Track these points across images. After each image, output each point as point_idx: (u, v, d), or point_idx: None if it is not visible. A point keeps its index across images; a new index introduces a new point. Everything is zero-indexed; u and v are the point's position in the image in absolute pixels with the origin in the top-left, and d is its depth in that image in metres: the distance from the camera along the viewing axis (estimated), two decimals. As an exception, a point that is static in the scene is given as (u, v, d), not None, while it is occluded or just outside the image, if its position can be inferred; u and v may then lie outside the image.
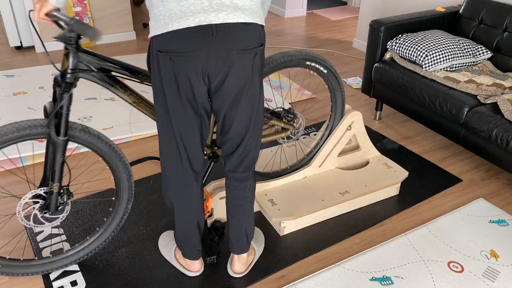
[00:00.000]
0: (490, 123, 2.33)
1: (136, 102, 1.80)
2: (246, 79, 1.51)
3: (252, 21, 1.44)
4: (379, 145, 2.91)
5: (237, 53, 1.44)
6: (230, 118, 1.59)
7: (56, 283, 1.88)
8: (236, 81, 1.49)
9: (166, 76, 1.47)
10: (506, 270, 1.98)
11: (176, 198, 1.73)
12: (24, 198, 1.73)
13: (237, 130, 1.62)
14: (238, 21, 1.41)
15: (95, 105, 3.27)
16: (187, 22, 1.37)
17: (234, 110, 1.57)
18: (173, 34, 1.39)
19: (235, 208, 1.80)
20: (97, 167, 2.63)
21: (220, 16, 1.38)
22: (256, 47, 1.48)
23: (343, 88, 2.32)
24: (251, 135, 1.66)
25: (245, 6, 1.42)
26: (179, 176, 1.67)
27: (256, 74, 1.55)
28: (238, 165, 1.72)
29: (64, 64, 1.60)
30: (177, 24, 1.38)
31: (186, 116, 1.54)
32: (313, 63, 2.13)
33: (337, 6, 6.26)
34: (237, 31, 1.42)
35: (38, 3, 1.56)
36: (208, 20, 1.37)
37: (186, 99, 1.49)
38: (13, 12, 4.16)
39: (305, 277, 1.93)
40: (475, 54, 2.86)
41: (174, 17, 1.38)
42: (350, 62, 4.29)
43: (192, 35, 1.38)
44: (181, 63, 1.43)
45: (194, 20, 1.37)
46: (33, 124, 1.61)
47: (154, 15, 1.42)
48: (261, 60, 1.55)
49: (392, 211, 2.33)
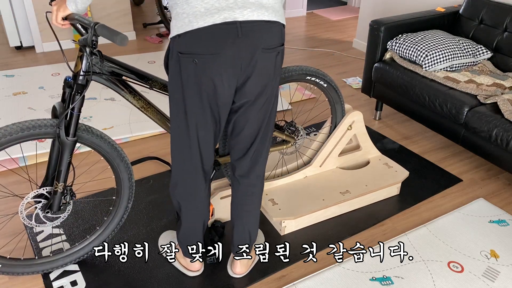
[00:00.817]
0: (490, 123, 2.33)
1: (144, 107, 1.81)
2: (268, 79, 1.51)
3: (276, 19, 1.44)
4: (379, 145, 2.91)
5: (261, 52, 1.43)
6: (244, 119, 1.58)
7: (56, 283, 1.88)
8: (259, 80, 1.49)
9: (188, 79, 1.45)
10: (506, 270, 1.98)
11: (185, 198, 1.72)
12: (26, 198, 1.73)
13: (248, 131, 1.61)
14: (263, 19, 1.40)
15: (95, 105, 3.27)
16: (212, 19, 1.35)
17: (249, 110, 1.56)
18: (197, 34, 1.37)
19: (243, 213, 1.79)
20: (97, 167, 2.63)
21: (245, 13, 1.37)
22: (278, 46, 1.48)
23: (343, 101, 2.36)
24: (262, 136, 1.65)
25: (268, 4, 1.42)
26: (191, 176, 1.67)
27: (277, 74, 1.55)
28: (250, 169, 1.70)
29: (78, 66, 1.61)
30: (202, 22, 1.36)
31: (204, 117, 1.52)
32: (313, 78, 2.16)
33: (337, 6, 6.26)
34: (261, 29, 1.41)
35: (56, 6, 1.55)
36: (233, 17, 1.36)
37: (208, 100, 1.48)
38: (13, 12, 4.16)
39: (305, 277, 1.93)
40: (475, 54, 2.86)
41: (198, 15, 1.36)
42: (350, 62, 4.30)
43: (217, 35, 1.37)
44: (205, 65, 1.41)
45: (220, 17, 1.36)
46: (38, 124, 1.61)
47: (177, 14, 1.40)
48: (281, 59, 1.54)
49: (392, 211, 2.33)
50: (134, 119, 3.09)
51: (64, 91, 1.66)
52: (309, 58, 4.35)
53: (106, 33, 1.42)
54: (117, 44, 1.38)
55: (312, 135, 3.00)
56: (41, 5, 4.14)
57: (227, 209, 2.16)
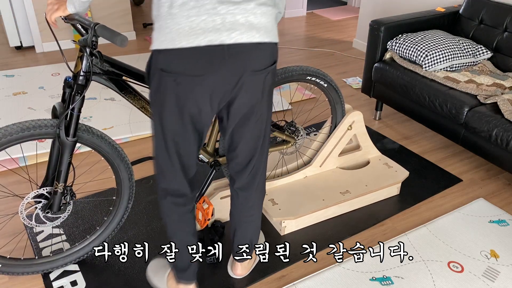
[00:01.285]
0: (490, 123, 2.33)
1: (144, 107, 1.82)
2: (256, 100, 1.45)
3: (267, 40, 1.35)
4: (379, 145, 2.91)
5: (249, 75, 1.36)
6: (238, 136, 1.54)
7: (56, 283, 1.88)
8: (246, 102, 1.43)
9: (169, 98, 1.37)
10: (506, 270, 1.99)
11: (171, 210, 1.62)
12: (27, 198, 1.73)
13: (245, 147, 1.56)
14: (252, 41, 1.31)
15: (95, 105, 3.27)
16: (197, 41, 1.26)
17: (241, 129, 1.51)
18: (180, 53, 1.28)
19: (242, 224, 1.75)
20: (98, 167, 2.63)
21: (233, 35, 1.28)
22: (269, 67, 1.41)
23: (343, 101, 2.36)
24: (259, 153, 1.60)
25: (260, 24, 1.32)
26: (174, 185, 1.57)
27: (266, 94, 1.47)
28: (249, 183, 1.66)
29: (78, 66, 1.61)
30: (185, 42, 1.26)
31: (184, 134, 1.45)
32: (314, 78, 2.16)
33: (337, 6, 6.26)
34: (250, 51, 1.32)
35: (51, 4, 1.50)
36: (220, 40, 1.27)
37: (190, 120, 1.41)
38: (13, 12, 4.16)
39: (305, 277, 1.93)
40: (475, 54, 2.86)
41: (182, 34, 1.27)
42: (350, 62, 4.30)
43: (202, 56, 1.28)
44: (188, 87, 1.33)
45: (205, 39, 1.26)
46: (38, 124, 1.61)
47: (160, 27, 1.30)
48: (272, 78, 1.47)
49: (392, 211, 2.33)
50: (134, 119, 3.09)
51: (64, 91, 1.66)
52: (309, 58, 4.35)
53: (106, 34, 1.41)
54: (117, 45, 1.35)
55: (312, 135, 3.00)
56: (41, 5, 4.14)
57: (227, 209, 2.16)
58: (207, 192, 2.13)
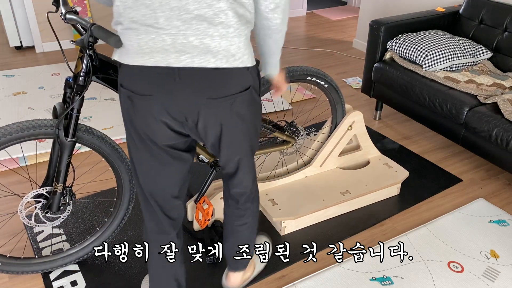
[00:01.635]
0: (490, 123, 2.33)
1: None
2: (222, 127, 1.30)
3: (227, 65, 1.20)
4: (379, 145, 2.91)
5: (205, 102, 1.23)
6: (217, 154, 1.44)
7: (56, 283, 1.88)
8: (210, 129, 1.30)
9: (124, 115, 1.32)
10: (506, 270, 1.99)
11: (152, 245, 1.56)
12: (26, 197, 1.73)
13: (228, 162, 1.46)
14: (206, 66, 1.19)
15: (95, 105, 3.27)
16: (142, 60, 1.19)
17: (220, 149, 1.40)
18: (131, 69, 1.23)
19: (234, 233, 1.65)
20: (98, 167, 2.63)
21: (182, 59, 1.18)
22: (235, 94, 1.25)
23: (344, 101, 2.36)
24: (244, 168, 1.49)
25: (218, 48, 1.19)
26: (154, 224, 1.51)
27: (240, 121, 1.31)
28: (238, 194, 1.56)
29: (78, 67, 1.61)
30: (132, 59, 1.20)
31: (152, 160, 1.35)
32: (314, 78, 2.16)
33: (337, 6, 6.26)
34: (205, 77, 1.20)
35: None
36: (167, 62, 1.18)
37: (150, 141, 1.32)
38: (13, 12, 4.16)
39: (305, 277, 1.93)
40: (475, 54, 2.86)
41: (131, 50, 1.20)
42: (350, 62, 4.30)
43: (151, 75, 1.20)
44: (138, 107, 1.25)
45: (150, 59, 1.18)
46: (38, 124, 1.61)
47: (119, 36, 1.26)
48: (248, 104, 1.31)
49: (392, 211, 2.33)
50: (134, 119, 3.08)
51: (65, 91, 1.66)
52: (309, 58, 4.35)
53: (102, 34, 1.41)
54: (112, 45, 1.33)
55: (312, 135, 3.00)
56: (41, 5, 4.14)
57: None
58: (207, 192, 2.13)
